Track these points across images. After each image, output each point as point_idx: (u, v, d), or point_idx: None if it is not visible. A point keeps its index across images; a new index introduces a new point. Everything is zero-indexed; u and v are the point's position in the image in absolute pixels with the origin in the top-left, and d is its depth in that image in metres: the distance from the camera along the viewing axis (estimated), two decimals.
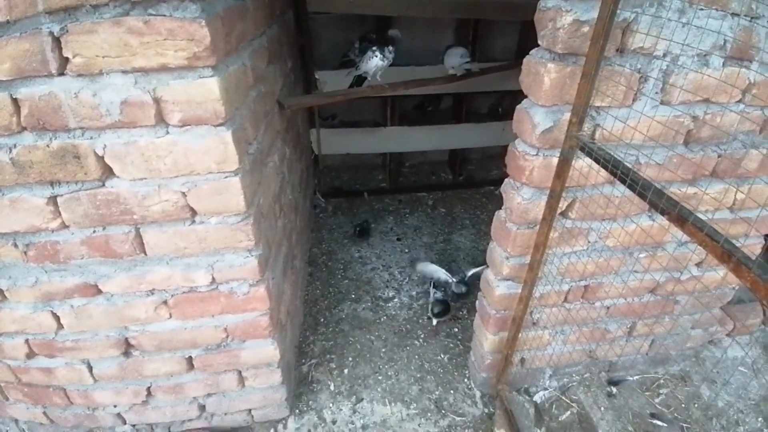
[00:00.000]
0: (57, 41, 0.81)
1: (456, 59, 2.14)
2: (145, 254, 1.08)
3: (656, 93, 1.10)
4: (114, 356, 1.26)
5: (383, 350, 1.92)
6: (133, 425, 1.47)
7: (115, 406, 1.40)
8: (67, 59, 0.83)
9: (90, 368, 1.29)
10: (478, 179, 3.41)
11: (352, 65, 2.35)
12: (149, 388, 1.36)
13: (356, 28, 2.68)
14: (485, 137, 3.01)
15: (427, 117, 3.20)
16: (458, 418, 1.63)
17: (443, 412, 1.65)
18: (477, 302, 1.63)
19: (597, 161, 0.92)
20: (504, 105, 3.24)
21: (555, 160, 1.11)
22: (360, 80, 2.06)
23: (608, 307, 1.54)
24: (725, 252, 0.61)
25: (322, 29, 2.67)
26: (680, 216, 0.70)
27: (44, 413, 1.44)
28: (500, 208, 1.37)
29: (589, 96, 0.96)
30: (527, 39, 2.82)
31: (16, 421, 1.51)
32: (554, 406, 1.68)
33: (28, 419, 1.48)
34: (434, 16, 2.66)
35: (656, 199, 0.75)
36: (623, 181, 0.83)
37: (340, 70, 2.42)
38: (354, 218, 2.88)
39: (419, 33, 2.77)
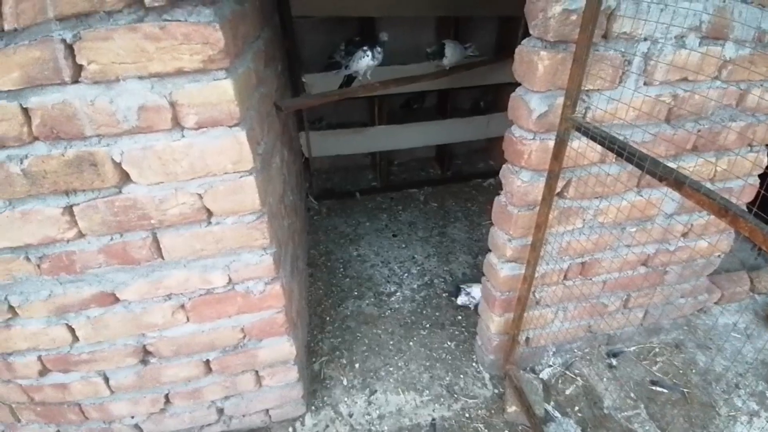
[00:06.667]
0: (70, 48, 0.81)
1: (461, 52, 2.28)
2: (163, 258, 1.09)
3: (639, 75, 1.19)
4: (131, 365, 1.26)
5: (391, 343, 1.96)
6: None
7: (132, 417, 1.40)
8: (81, 66, 0.83)
9: (106, 380, 1.28)
10: (465, 173, 3.48)
11: (337, 67, 2.38)
12: (167, 395, 1.36)
13: (339, 30, 2.72)
14: (471, 131, 3.09)
15: (413, 115, 3.26)
16: (470, 401, 1.68)
17: (455, 396, 1.70)
18: (481, 287, 1.69)
19: (594, 139, 0.98)
20: (486, 99, 3.34)
21: (551, 143, 1.17)
22: (349, 80, 2.10)
23: (605, 282, 1.62)
24: (722, 207, 0.68)
25: (306, 33, 2.70)
26: (677, 180, 0.76)
27: None
28: (498, 194, 1.43)
29: (580, 80, 1.03)
30: (506, 34, 2.92)
31: None
32: (560, 381, 1.75)
33: None
34: (416, 15, 2.73)
35: (653, 168, 0.81)
36: (620, 155, 0.89)
37: (326, 73, 2.46)
38: (348, 218, 2.92)
39: (401, 32, 2.83)
